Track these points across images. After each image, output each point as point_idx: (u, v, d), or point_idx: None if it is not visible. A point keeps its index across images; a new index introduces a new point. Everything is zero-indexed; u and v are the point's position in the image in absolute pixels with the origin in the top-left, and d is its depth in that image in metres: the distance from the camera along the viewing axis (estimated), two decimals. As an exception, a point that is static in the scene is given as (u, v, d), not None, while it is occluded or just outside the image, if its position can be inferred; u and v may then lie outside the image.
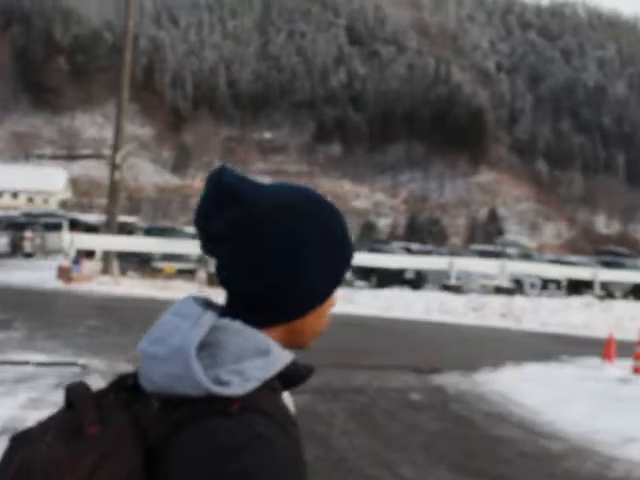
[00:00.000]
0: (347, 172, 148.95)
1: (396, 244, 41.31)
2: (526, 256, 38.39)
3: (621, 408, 9.96)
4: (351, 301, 24.27)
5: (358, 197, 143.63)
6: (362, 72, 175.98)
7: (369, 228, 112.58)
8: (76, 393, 1.16)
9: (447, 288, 27.64)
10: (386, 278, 28.91)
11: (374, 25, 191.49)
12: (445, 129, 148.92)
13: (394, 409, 9.52)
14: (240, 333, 1.18)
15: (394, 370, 12.40)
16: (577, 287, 30.69)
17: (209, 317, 1.17)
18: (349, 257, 1.31)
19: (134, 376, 1.21)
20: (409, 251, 36.29)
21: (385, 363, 13.11)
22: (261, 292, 1.21)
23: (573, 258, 43.33)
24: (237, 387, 1.13)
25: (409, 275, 29.40)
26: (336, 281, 1.28)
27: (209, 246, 1.25)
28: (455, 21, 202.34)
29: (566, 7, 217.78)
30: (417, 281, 29.31)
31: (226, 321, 1.19)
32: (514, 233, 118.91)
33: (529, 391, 10.82)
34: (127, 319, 15.46)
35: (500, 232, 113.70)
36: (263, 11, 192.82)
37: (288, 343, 1.25)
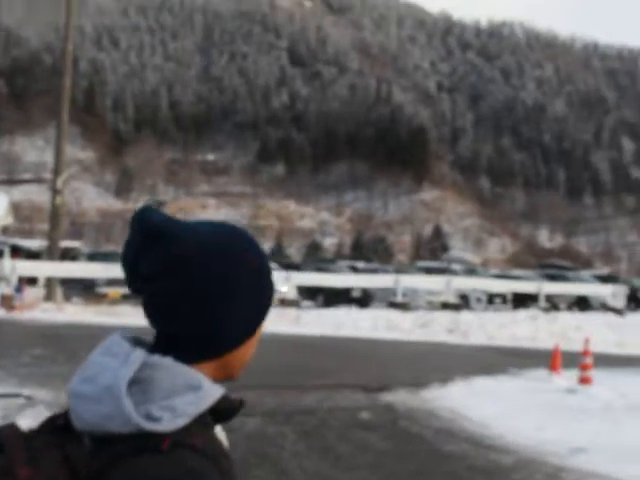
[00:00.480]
0: (291, 192, 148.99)
1: (342, 263, 41.33)
2: (471, 271, 38.74)
3: (569, 418, 10.05)
4: (298, 322, 24.18)
5: (303, 217, 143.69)
6: (304, 93, 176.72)
7: (315, 248, 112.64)
8: (5, 435, 1.14)
9: (394, 305, 27.68)
10: (333, 297, 28.89)
11: (316, 46, 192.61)
12: (388, 148, 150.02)
13: (344, 429, 9.46)
14: (171, 369, 1.18)
15: (344, 389, 12.34)
16: (522, 300, 31.01)
17: (139, 354, 1.17)
18: (272, 290, 1.32)
19: (64, 415, 1.19)
20: (355, 270, 36.32)
21: (335, 383, 13.04)
22: (191, 330, 1.22)
23: (517, 272, 43.81)
24: (168, 423, 1.13)
25: (356, 294, 29.43)
26: (263, 314, 1.29)
27: (136, 285, 1.23)
28: (396, 42, 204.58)
29: (504, 28, 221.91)
30: (364, 299, 29.33)
31: (156, 358, 1.19)
32: (459, 249, 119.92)
33: (478, 405, 10.86)
34: (72, 347, 15.16)
35: (445, 248, 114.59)
36: (204, 33, 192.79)
37: (218, 376, 1.27)
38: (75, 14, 28.63)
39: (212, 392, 1.21)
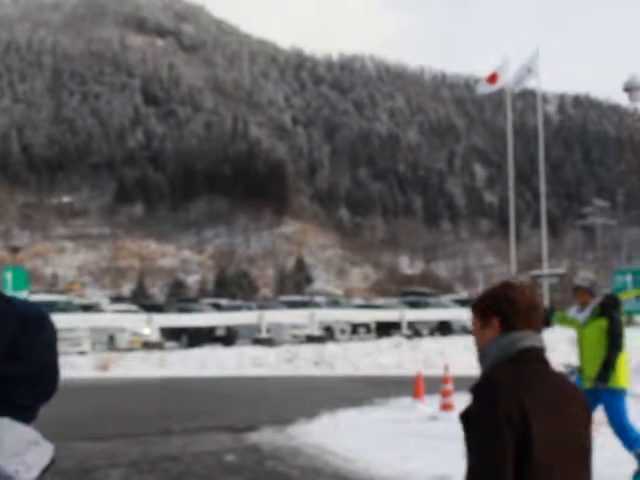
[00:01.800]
0: (151, 231, 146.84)
1: (205, 301, 40.99)
2: (334, 303, 39.19)
3: (432, 446, 10.23)
4: (163, 364, 23.80)
5: (164, 256, 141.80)
6: (160, 132, 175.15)
7: (178, 286, 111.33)
8: None
9: (259, 342, 27.66)
10: (197, 337, 28.63)
11: (169, 85, 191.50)
12: (247, 183, 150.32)
13: (210, 474, 9.31)
14: (12, 428, 1.30)
15: (210, 432, 12.19)
16: (386, 329, 31.59)
17: None
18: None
19: None
20: (218, 307, 36.12)
21: (200, 425, 12.86)
22: (35, 394, 1.38)
23: (380, 301, 44.63)
24: (24, 475, 1.27)
25: (220, 332, 29.27)
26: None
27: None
28: (249, 78, 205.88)
29: (355, 61, 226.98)
30: (228, 337, 29.21)
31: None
32: (322, 280, 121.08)
33: (343, 439, 10.92)
34: None
35: (309, 280, 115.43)
36: (54, 74, 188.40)
37: None
38: None
39: (48, 446, 1.34)
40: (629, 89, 22.18)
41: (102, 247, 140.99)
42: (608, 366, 7.93)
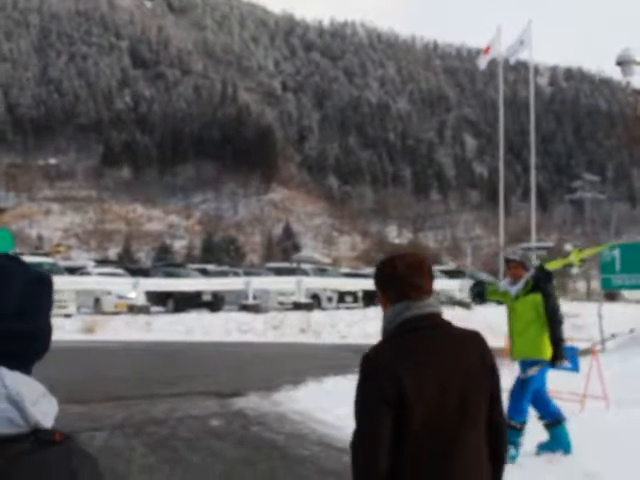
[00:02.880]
0: (138, 195, 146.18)
1: (192, 266, 40.85)
2: (322, 271, 39.09)
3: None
4: (149, 328, 23.76)
5: (151, 220, 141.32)
6: (148, 94, 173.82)
7: (165, 251, 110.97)
8: None
9: (245, 308, 27.61)
10: (183, 302, 28.54)
11: (158, 47, 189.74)
12: (235, 149, 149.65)
13: (195, 438, 9.27)
14: (25, 381, 1.43)
15: (195, 396, 12.15)
16: (373, 298, 31.58)
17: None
18: None
19: None
20: (205, 273, 36.01)
21: (186, 390, 12.82)
22: (37, 350, 1.51)
23: (368, 270, 44.56)
24: (45, 423, 1.41)
25: (206, 297, 29.16)
26: None
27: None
28: (239, 42, 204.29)
29: (347, 28, 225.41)
30: (215, 303, 29.12)
31: (10, 372, 1.43)
32: (310, 248, 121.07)
33: (329, 406, 10.87)
34: None
35: (296, 248, 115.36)
36: (40, 33, 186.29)
37: None
38: None
39: (53, 397, 1.47)
40: (622, 63, 22.03)
41: (88, 210, 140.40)
42: (559, 343, 7.94)
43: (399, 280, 2.81)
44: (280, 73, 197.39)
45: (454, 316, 25.93)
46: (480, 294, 9.30)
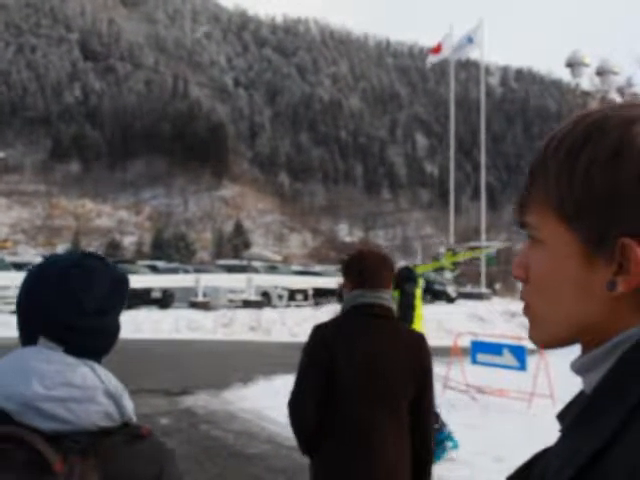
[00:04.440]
0: (87, 190, 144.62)
1: (141, 263, 40.42)
2: (272, 268, 38.96)
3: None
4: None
5: (100, 216, 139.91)
6: (98, 88, 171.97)
7: (114, 247, 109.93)
8: (28, 435, 1.39)
9: (195, 305, 27.43)
10: (132, 299, 28.14)
11: (109, 41, 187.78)
12: (186, 144, 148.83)
13: (143, 437, 9.17)
14: (110, 375, 1.55)
15: (144, 395, 12.02)
16: (324, 295, 31.59)
17: (88, 362, 1.53)
18: None
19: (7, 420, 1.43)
20: (155, 269, 35.67)
21: (135, 388, 12.65)
22: (107, 347, 1.62)
23: (318, 268, 44.58)
24: (131, 415, 1.54)
25: (156, 294, 28.86)
26: None
27: (88, 324, 1.56)
28: (191, 37, 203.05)
29: (299, 24, 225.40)
30: (164, 300, 28.85)
31: (101, 367, 1.55)
32: (260, 246, 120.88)
33: (279, 405, 10.77)
34: None
35: (247, 245, 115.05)
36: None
37: None
38: None
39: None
40: (571, 64, 22.36)
41: (36, 205, 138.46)
42: None
43: (363, 272, 3.27)
44: (232, 69, 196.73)
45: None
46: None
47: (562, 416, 0.94)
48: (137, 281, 29.44)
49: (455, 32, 37.65)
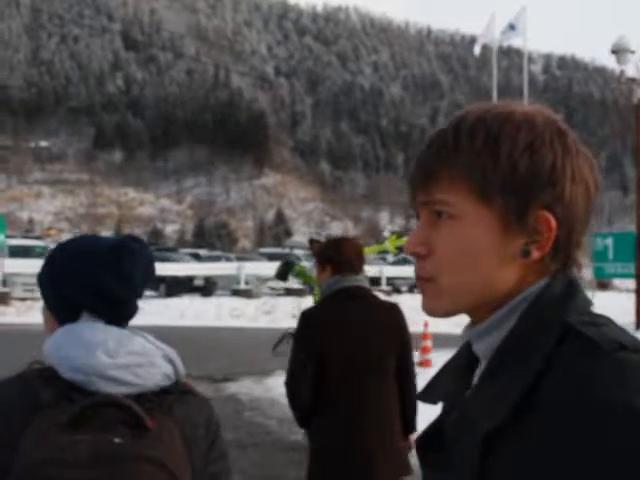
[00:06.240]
0: (130, 179, 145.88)
1: (184, 251, 40.74)
2: (313, 256, 38.99)
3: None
4: (141, 312, 23.64)
5: (143, 204, 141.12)
6: (140, 77, 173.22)
7: (156, 235, 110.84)
8: (116, 397, 1.58)
9: (237, 293, 27.58)
10: (175, 286, 28.40)
11: (150, 30, 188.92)
12: (227, 133, 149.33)
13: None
14: (157, 341, 1.76)
15: (188, 381, 12.13)
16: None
17: (141, 332, 1.74)
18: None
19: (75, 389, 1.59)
20: (197, 257, 35.93)
21: (177, 375, 12.79)
22: (134, 314, 1.80)
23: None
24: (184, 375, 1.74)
25: (198, 282, 29.06)
26: None
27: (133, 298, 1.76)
28: (232, 26, 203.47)
29: (340, 13, 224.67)
30: (207, 288, 29.03)
31: (145, 333, 1.73)
32: (302, 234, 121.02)
33: (322, 392, 10.88)
34: None
35: (288, 233, 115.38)
36: (32, 15, 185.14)
37: None
38: None
39: None
40: (616, 51, 22.00)
41: (79, 193, 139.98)
42: None
43: (341, 260, 3.62)
44: (273, 58, 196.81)
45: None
46: (284, 274, 9.13)
47: (429, 392, 1.13)
48: (180, 269, 29.67)
49: (497, 19, 37.29)
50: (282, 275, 9.33)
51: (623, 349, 0.88)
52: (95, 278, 1.66)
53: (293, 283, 28.30)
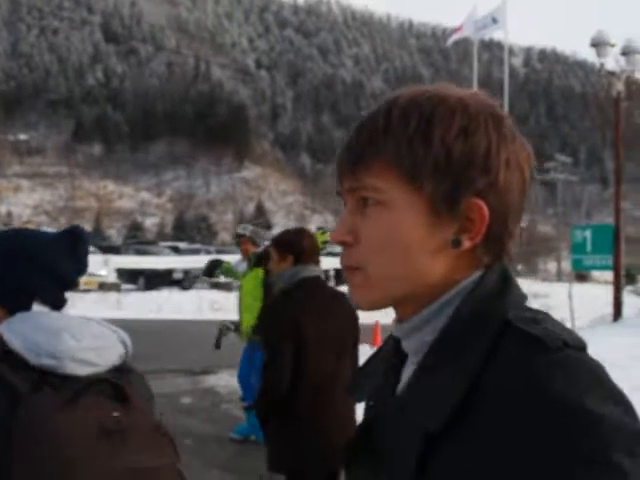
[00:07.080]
0: (109, 172, 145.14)
1: (163, 244, 40.59)
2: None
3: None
4: (119, 306, 23.62)
5: (122, 197, 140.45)
6: (120, 70, 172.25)
7: (136, 228, 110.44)
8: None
9: (217, 286, 27.50)
10: (154, 280, 28.29)
11: (130, 23, 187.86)
12: (208, 126, 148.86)
13: (165, 416, 9.20)
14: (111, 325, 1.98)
15: (166, 374, 12.08)
16: (342, 277, 31.59)
17: (93, 317, 1.90)
18: None
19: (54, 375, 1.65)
20: (177, 251, 35.81)
21: (157, 368, 12.71)
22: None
23: (339, 249, 44.43)
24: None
25: (178, 275, 28.95)
26: None
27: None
28: (213, 18, 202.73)
29: (321, 5, 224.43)
30: (186, 281, 28.94)
31: (97, 318, 1.93)
32: (282, 227, 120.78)
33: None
34: None
35: (268, 226, 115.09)
36: (11, 7, 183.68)
37: None
38: None
39: None
40: (596, 45, 22.03)
41: (58, 186, 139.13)
42: None
43: (302, 251, 3.85)
44: (254, 50, 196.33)
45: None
46: (211, 271, 8.95)
47: (356, 388, 1.07)
48: (159, 262, 29.56)
49: (478, 12, 37.28)
50: (209, 272, 9.10)
51: (567, 347, 0.86)
52: (53, 261, 1.71)
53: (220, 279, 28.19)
